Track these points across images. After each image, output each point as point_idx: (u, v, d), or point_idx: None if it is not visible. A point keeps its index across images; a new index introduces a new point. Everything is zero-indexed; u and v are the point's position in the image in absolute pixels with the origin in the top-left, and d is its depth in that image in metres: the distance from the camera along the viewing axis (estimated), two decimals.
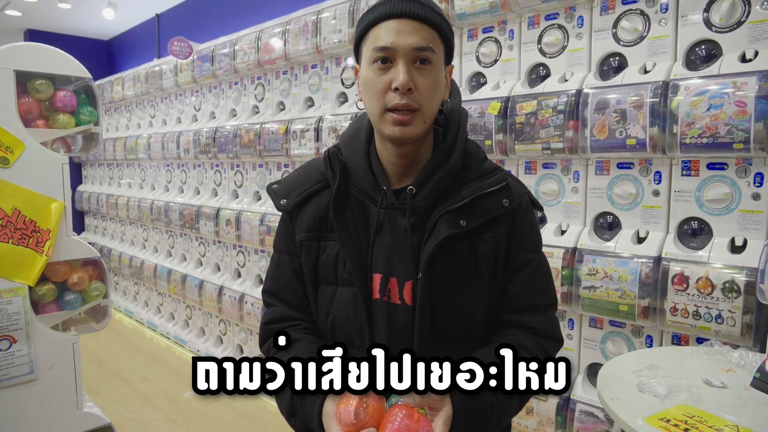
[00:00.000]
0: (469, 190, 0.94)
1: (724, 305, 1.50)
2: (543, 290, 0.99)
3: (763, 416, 1.02)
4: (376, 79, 0.90)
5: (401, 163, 0.97)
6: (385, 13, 0.89)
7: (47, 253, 1.56)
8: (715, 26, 1.61)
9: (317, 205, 0.99)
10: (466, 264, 0.93)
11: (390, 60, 0.89)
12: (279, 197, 1.01)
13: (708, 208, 1.62)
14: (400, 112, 0.89)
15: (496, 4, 2.00)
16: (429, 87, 0.90)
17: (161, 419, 2.96)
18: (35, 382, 1.58)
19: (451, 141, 0.97)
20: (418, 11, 0.89)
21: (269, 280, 1.07)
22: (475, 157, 0.99)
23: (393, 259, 0.94)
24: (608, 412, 1.03)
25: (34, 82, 1.58)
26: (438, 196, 0.94)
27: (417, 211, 0.94)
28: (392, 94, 0.88)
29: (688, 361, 1.29)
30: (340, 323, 0.97)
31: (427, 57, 0.89)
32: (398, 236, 0.94)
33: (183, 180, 4.13)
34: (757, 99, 1.44)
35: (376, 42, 0.89)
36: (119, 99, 4.95)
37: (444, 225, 0.91)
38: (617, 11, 1.80)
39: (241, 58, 3.32)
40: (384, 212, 0.95)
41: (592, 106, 1.74)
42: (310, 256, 0.99)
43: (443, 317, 0.93)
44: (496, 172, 0.97)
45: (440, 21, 0.91)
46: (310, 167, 1.04)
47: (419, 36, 0.88)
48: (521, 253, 0.97)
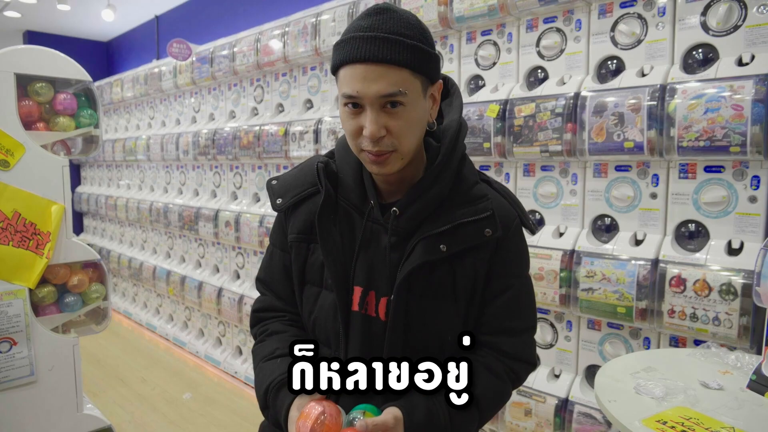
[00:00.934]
0: (453, 216, 0.93)
1: (721, 307, 1.51)
2: (521, 315, 1.00)
3: (759, 418, 1.03)
4: (349, 121, 0.89)
5: (388, 180, 0.97)
6: (349, 57, 0.86)
7: (47, 256, 1.57)
8: (712, 30, 1.62)
9: (310, 209, 1.00)
10: (444, 286, 0.95)
11: (360, 105, 0.87)
12: (276, 196, 1.04)
13: (705, 211, 1.63)
14: (374, 154, 0.88)
15: (495, 8, 2.01)
16: (402, 128, 0.87)
17: (160, 421, 2.96)
18: (35, 384, 1.59)
19: (442, 163, 0.95)
20: (382, 55, 0.83)
21: (263, 269, 1.12)
22: (466, 180, 0.98)
23: (373, 274, 0.96)
24: (605, 414, 1.04)
25: (35, 85, 1.58)
26: (422, 219, 0.94)
27: (399, 231, 0.95)
28: (365, 139, 0.88)
29: (685, 363, 1.30)
30: (320, 325, 1.01)
31: (397, 101, 0.85)
32: (380, 252, 0.96)
33: (182, 181, 4.13)
34: (754, 102, 1.45)
35: (343, 88, 0.88)
36: (118, 100, 4.95)
37: (422, 249, 0.92)
38: (615, 15, 1.81)
39: (240, 59, 3.33)
40: (370, 226, 0.97)
41: (590, 109, 1.75)
42: (299, 257, 1.02)
43: (415, 335, 0.94)
44: (483, 199, 0.96)
45: (411, 57, 0.85)
46: (308, 168, 1.04)
47: (386, 81, 0.84)
48: (502, 278, 0.97)
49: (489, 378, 0.94)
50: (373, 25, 0.86)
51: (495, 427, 2.07)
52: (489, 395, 0.94)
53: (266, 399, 0.96)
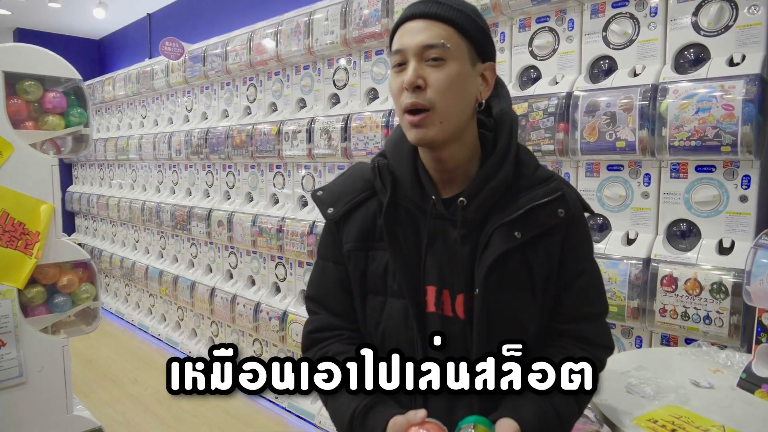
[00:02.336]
0: (523, 200, 0.90)
1: (712, 306, 1.51)
2: (596, 299, 0.98)
3: (749, 416, 1.03)
4: (393, 81, 0.89)
5: (442, 169, 0.94)
6: (403, 17, 0.90)
7: (36, 256, 1.56)
8: (704, 30, 1.63)
9: (365, 215, 0.97)
10: (520, 276, 0.91)
11: (404, 62, 0.87)
12: (325, 206, 0.99)
13: (696, 210, 1.63)
14: (411, 113, 0.86)
15: (488, 7, 2.01)
16: (442, 83, 0.85)
17: (152, 421, 2.94)
18: (24, 386, 1.57)
19: (503, 149, 0.92)
20: (429, 9, 0.87)
21: (313, 286, 1.05)
22: (527, 164, 0.95)
23: (445, 272, 0.92)
24: (597, 412, 1.04)
25: (23, 83, 1.57)
26: (489, 207, 0.91)
27: (468, 222, 0.91)
28: (406, 94, 0.86)
29: (676, 361, 1.30)
30: (390, 335, 0.95)
31: (438, 54, 0.85)
32: (450, 248, 0.92)
33: (174, 181, 4.11)
34: (744, 102, 1.45)
35: (393, 46, 0.90)
36: (110, 99, 4.92)
37: (499, 239, 0.89)
38: (607, 14, 1.81)
39: (233, 58, 3.31)
40: (434, 223, 0.93)
41: (582, 109, 1.75)
42: (358, 267, 0.97)
43: (498, 330, 0.90)
44: (551, 180, 0.93)
45: (458, 16, 0.87)
46: (355, 174, 1.01)
47: (428, 33, 0.85)
48: (575, 263, 0.94)
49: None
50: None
51: None
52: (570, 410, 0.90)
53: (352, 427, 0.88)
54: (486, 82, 0.93)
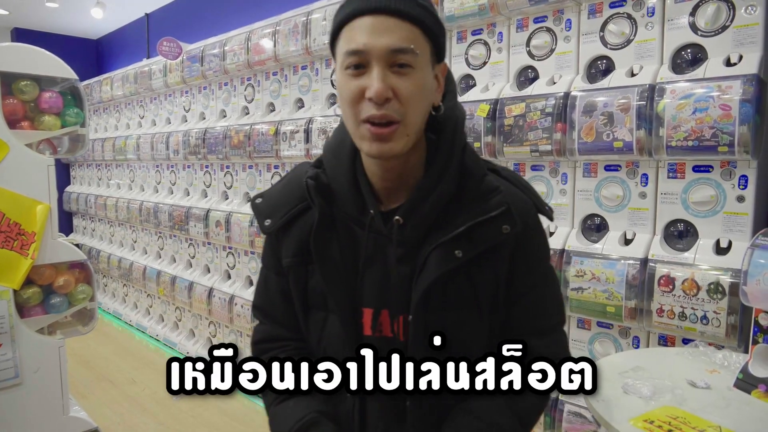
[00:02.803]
0: (465, 216, 0.83)
1: (709, 306, 1.51)
2: (550, 312, 0.93)
3: (745, 417, 1.03)
4: (349, 85, 0.78)
5: (387, 177, 0.86)
6: (358, 8, 0.76)
7: (32, 256, 1.55)
8: (701, 30, 1.62)
9: (301, 230, 0.90)
10: (463, 296, 0.85)
11: (363, 65, 0.76)
12: (263, 216, 0.92)
13: (694, 210, 1.63)
14: (377, 124, 0.77)
15: (485, 7, 2.01)
16: (411, 94, 0.77)
17: (150, 422, 2.94)
18: (20, 387, 1.57)
19: (444, 157, 0.84)
20: (395, 5, 0.75)
21: (258, 295, 1.01)
22: (472, 175, 0.86)
23: (384, 291, 0.86)
24: (593, 413, 1.04)
25: (19, 83, 1.57)
26: (429, 225, 0.84)
27: (405, 242, 0.84)
28: (367, 104, 0.76)
29: (674, 362, 1.30)
30: (332, 351, 0.90)
31: (407, 61, 0.76)
32: (388, 267, 0.85)
33: (172, 181, 4.11)
34: (742, 102, 1.45)
35: (348, 44, 0.77)
36: (108, 99, 4.91)
37: (436, 260, 0.82)
38: (604, 15, 1.81)
39: (230, 58, 3.31)
40: (374, 238, 0.86)
41: (580, 109, 1.75)
42: (298, 281, 0.91)
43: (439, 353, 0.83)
44: (496, 192, 0.85)
45: (425, 16, 0.78)
46: (294, 182, 0.93)
47: (397, 35, 0.75)
48: (526, 276, 0.88)
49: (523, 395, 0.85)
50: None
51: None
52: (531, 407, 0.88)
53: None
54: (439, 83, 0.86)
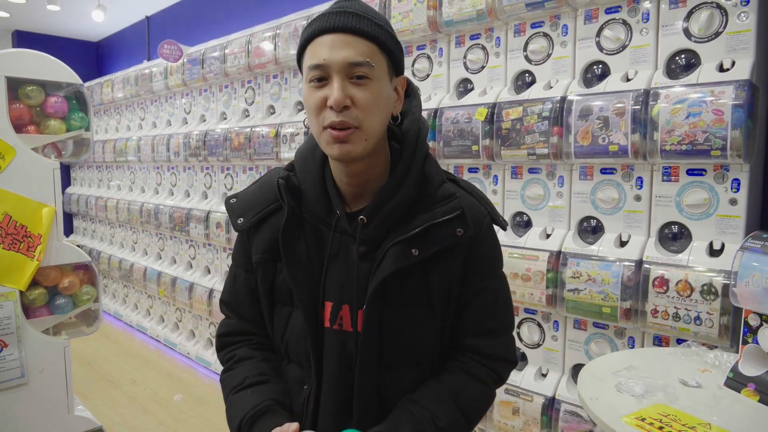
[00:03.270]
0: (422, 218, 0.90)
1: (702, 307, 1.54)
2: (499, 315, 0.99)
3: (735, 415, 1.06)
4: (312, 95, 0.87)
5: (353, 182, 0.94)
6: (319, 28, 0.86)
7: (38, 258, 1.58)
8: (695, 36, 1.66)
9: (274, 226, 0.96)
10: (418, 292, 0.92)
11: (325, 77, 0.85)
12: (236, 215, 0.99)
13: (687, 213, 1.66)
14: (336, 129, 0.85)
15: (483, 12, 2.04)
16: (368, 102, 0.85)
17: (151, 422, 2.96)
18: (26, 386, 1.59)
19: (405, 165, 0.93)
20: (352, 24, 0.85)
21: (227, 292, 1.07)
22: (431, 181, 0.94)
23: (345, 287, 0.93)
24: (587, 411, 1.07)
25: (25, 88, 1.59)
26: (391, 225, 0.92)
27: (368, 240, 0.92)
28: (329, 112, 0.85)
29: (666, 361, 1.33)
30: (293, 346, 0.98)
31: (363, 73, 0.85)
32: (350, 264, 0.93)
33: (173, 183, 4.13)
34: (734, 108, 1.48)
35: (310, 59, 0.86)
36: (108, 101, 4.94)
37: (392, 256, 0.89)
38: (600, 20, 1.84)
39: (231, 61, 3.33)
40: (338, 238, 0.94)
41: (576, 113, 1.78)
42: (266, 277, 0.98)
43: (390, 345, 0.92)
44: (452, 198, 0.93)
45: (379, 32, 0.87)
46: (267, 184, 1.01)
47: (354, 50, 0.84)
48: (477, 279, 0.95)
49: (473, 384, 0.94)
50: (342, 5, 0.88)
51: (484, 426, 2.10)
52: (474, 402, 0.94)
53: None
54: (398, 95, 0.94)
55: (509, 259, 1.92)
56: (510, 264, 1.91)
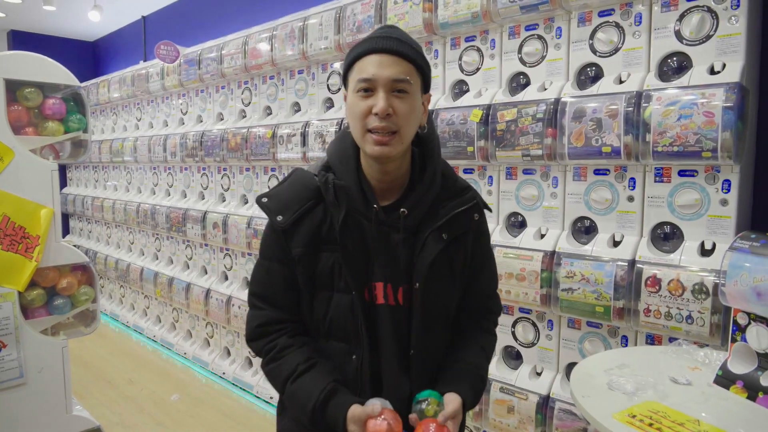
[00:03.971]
0: (448, 208, 1.11)
1: (694, 306, 1.57)
2: (495, 280, 1.26)
3: (723, 411, 1.08)
4: (359, 104, 1.03)
5: (384, 179, 1.10)
6: (369, 48, 1.03)
7: (36, 259, 1.59)
8: (686, 39, 1.68)
9: (312, 222, 1.09)
10: (444, 269, 1.11)
11: (371, 89, 1.02)
12: (274, 213, 1.09)
13: (679, 213, 1.69)
14: (379, 133, 1.02)
15: (478, 15, 2.06)
16: (406, 112, 1.03)
17: (148, 422, 2.97)
18: (25, 386, 1.60)
19: (434, 167, 1.12)
20: (397, 48, 1.03)
21: (258, 284, 1.15)
22: (449, 177, 1.16)
23: (389, 269, 1.09)
24: (579, 408, 1.09)
25: (24, 90, 1.60)
26: (423, 215, 1.10)
27: (407, 229, 1.09)
28: (372, 118, 1.02)
29: (657, 359, 1.35)
30: (338, 324, 1.09)
31: (404, 88, 1.02)
32: (391, 250, 1.09)
33: (170, 183, 4.14)
34: (724, 110, 1.50)
35: (360, 74, 1.03)
36: (105, 101, 4.94)
37: (433, 242, 1.08)
38: (594, 23, 1.87)
39: (228, 62, 3.35)
40: (377, 228, 1.08)
41: (570, 115, 1.80)
42: (308, 268, 1.09)
43: (429, 314, 1.11)
44: (468, 190, 1.15)
45: (417, 56, 1.05)
46: (301, 183, 1.12)
47: (397, 69, 1.02)
48: (483, 253, 1.20)
49: (489, 338, 1.22)
50: (388, 32, 1.06)
51: (479, 425, 2.12)
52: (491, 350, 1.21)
53: (314, 417, 1.02)
54: (425, 108, 1.11)
55: (504, 259, 1.94)
56: (505, 264, 1.93)
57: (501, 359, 2.13)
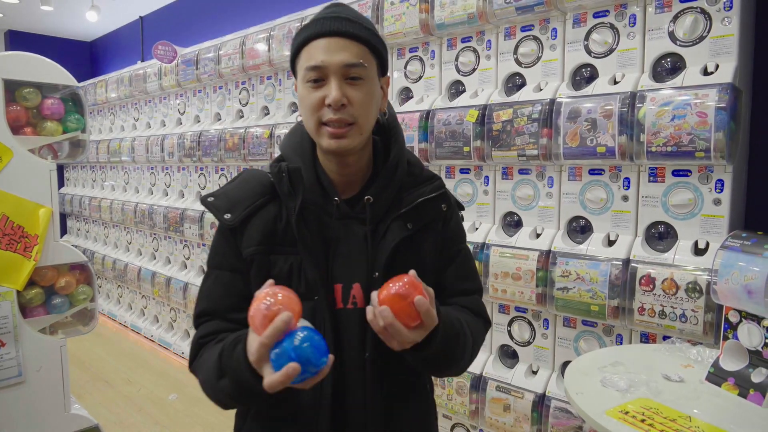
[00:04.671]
0: (414, 195, 1.01)
1: (687, 305, 1.58)
2: (471, 277, 1.10)
3: (715, 408, 1.10)
4: (310, 95, 0.92)
5: (345, 172, 0.99)
6: (315, 32, 0.92)
7: (35, 258, 1.60)
8: (680, 40, 1.70)
9: (265, 219, 0.97)
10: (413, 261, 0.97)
11: (322, 78, 0.91)
12: (221, 211, 0.97)
13: (673, 213, 1.70)
14: (334, 125, 0.91)
15: (474, 16, 2.07)
16: (363, 100, 0.93)
17: (146, 421, 2.98)
18: (23, 385, 1.61)
19: (397, 152, 1.02)
20: (346, 29, 0.92)
21: (204, 299, 1.00)
22: (416, 165, 1.06)
23: (352, 267, 0.97)
24: (572, 405, 1.10)
25: (22, 90, 1.61)
26: (389, 203, 1.00)
27: (374, 219, 0.99)
28: (326, 109, 0.91)
29: (651, 357, 1.37)
30: None
31: (358, 73, 0.92)
32: (355, 244, 0.98)
33: (167, 183, 4.14)
34: (717, 110, 1.52)
35: (308, 61, 0.92)
36: (102, 101, 4.94)
37: (396, 229, 0.98)
38: (588, 24, 1.88)
39: (225, 62, 3.35)
40: (339, 222, 0.98)
41: (565, 115, 1.82)
42: (261, 271, 0.96)
43: None
44: (435, 179, 1.05)
45: (370, 36, 0.94)
46: (252, 179, 1.01)
47: (349, 53, 0.91)
48: (453, 246, 1.07)
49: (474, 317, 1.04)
50: (336, 11, 0.95)
51: (475, 423, 2.14)
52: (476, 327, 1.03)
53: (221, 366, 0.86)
54: (384, 93, 1.02)
55: (500, 259, 1.95)
56: (501, 263, 1.95)
57: (497, 358, 2.14)
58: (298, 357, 0.74)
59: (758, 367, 1.15)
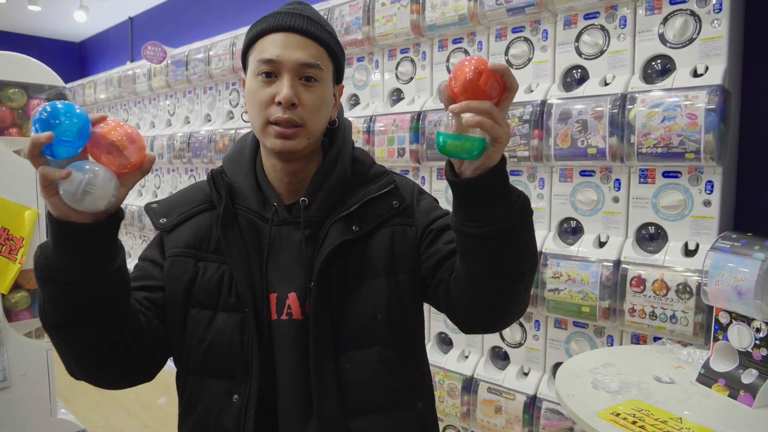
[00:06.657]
0: (359, 195, 0.94)
1: (678, 306, 1.58)
2: None
3: (705, 409, 1.10)
4: (260, 91, 0.87)
5: (290, 179, 0.94)
6: (272, 25, 0.87)
7: (20, 261, 1.57)
8: (670, 42, 1.70)
9: (199, 224, 0.94)
10: (362, 266, 0.91)
11: (275, 74, 0.86)
12: (158, 216, 0.95)
13: (663, 214, 1.71)
14: (282, 125, 0.86)
15: (465, 17, 2.07)
16: (314, 104, 0.88)
17: (135, 425, 2.95)
18: (8, 390, 1.59)
19: (337, 150, 0.97)
20: (306, 27, 0.88)
21: None
22: (362, 162, 0.99)
23: (289, 275, 0.91)
24: (563, 406, 1.10)
25: (7, 90, 1.59)
26: (330, 206, 0.93)
27: (311, 222, 0.92)
28: (275, 108, 0.86)
29: (642, 358, 1.37)
30: (219, 353, 0.89)
31: (313, 74, 0.87)
32: (293, 251, 0.91)
33: (157, 185, 4.11)
34: (707, 112, 1.53)
35: (261, 54, 0.87)
36: (91, 102, 4.89)
37: (335, 232, 0.90)
38: (579, 26, 1.88)
39: (215, 63, 3.33)
40: (276, 229, 0.92)
41: (556, 117, 1.82)
42: (184, 275, 0.90)
43: (344, 324, 0.89)
44: (384, 176, 0.98)
45: (330, 39, 0.91)
46: (195, 188, 1.00)
47: (306, 52, 0.87)
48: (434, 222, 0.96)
49: None
50: (298, 7, 0.91)
51: (467, 425, 2.13)
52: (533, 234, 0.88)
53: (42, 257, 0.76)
54: (336, 102, 0.97)
55: None
56: None
57: (488, 359, 2.14)
58: (40, 121, 0.67)
59: (748, 368, 1.15)
